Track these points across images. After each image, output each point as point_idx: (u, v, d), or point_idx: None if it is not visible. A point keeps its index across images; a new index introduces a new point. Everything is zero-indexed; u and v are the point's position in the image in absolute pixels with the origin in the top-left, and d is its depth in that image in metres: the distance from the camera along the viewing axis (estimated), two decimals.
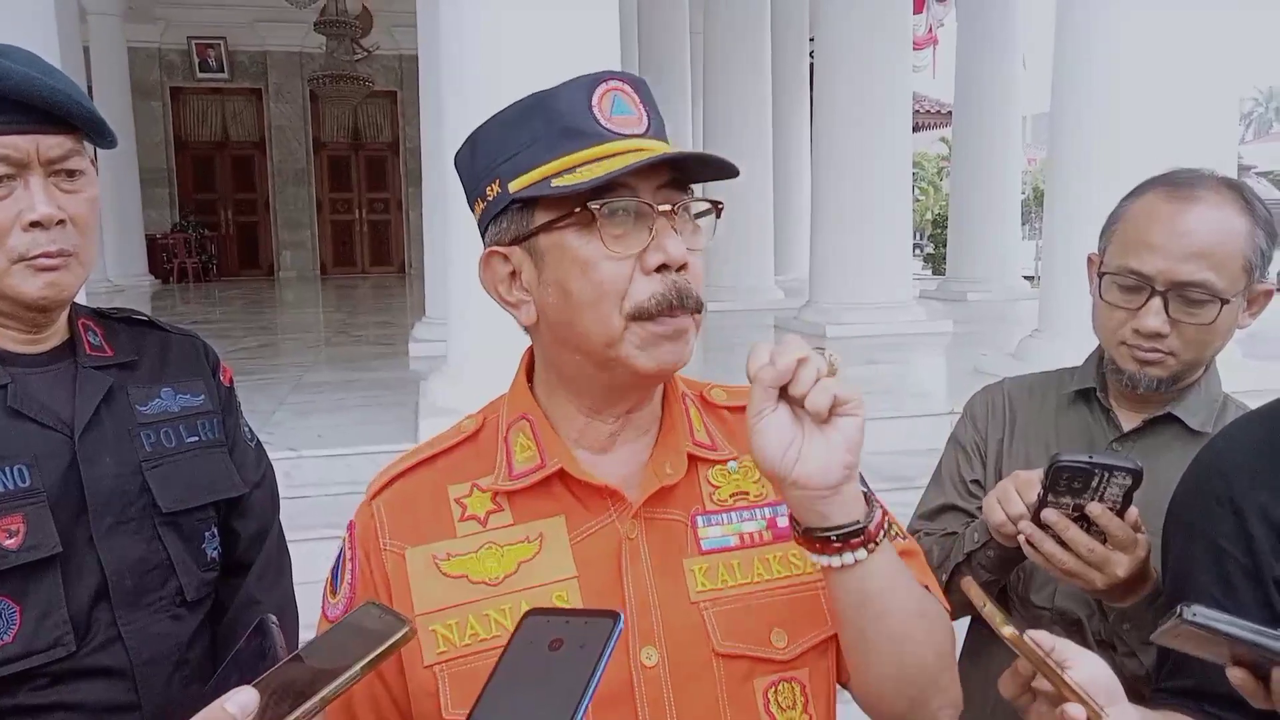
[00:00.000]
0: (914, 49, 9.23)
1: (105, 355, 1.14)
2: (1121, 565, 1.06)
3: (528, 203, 0.80)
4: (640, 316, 0.78)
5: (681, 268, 0.79)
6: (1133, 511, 1.06)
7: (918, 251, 17.86)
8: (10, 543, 0.98)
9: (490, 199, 0.83)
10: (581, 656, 0.64)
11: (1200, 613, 0.74)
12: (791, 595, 0.85)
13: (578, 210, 0.77)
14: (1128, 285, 1.18)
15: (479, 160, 0.84)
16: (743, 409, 0.91)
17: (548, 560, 0.82)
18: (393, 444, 3.86)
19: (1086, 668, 0.76)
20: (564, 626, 0.66)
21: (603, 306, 0.78)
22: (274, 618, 0.87)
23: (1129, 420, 1.27)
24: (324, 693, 0.67)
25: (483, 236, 0.86)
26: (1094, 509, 1.04)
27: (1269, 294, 1.22)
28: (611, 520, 0.84)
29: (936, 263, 16.23)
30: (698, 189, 0.85)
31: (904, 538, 0.94)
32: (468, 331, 3.92)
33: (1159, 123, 4.13)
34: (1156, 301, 1.16)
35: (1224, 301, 1.14)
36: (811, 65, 10.01)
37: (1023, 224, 11.49)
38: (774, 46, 10.36)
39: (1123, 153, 4.09)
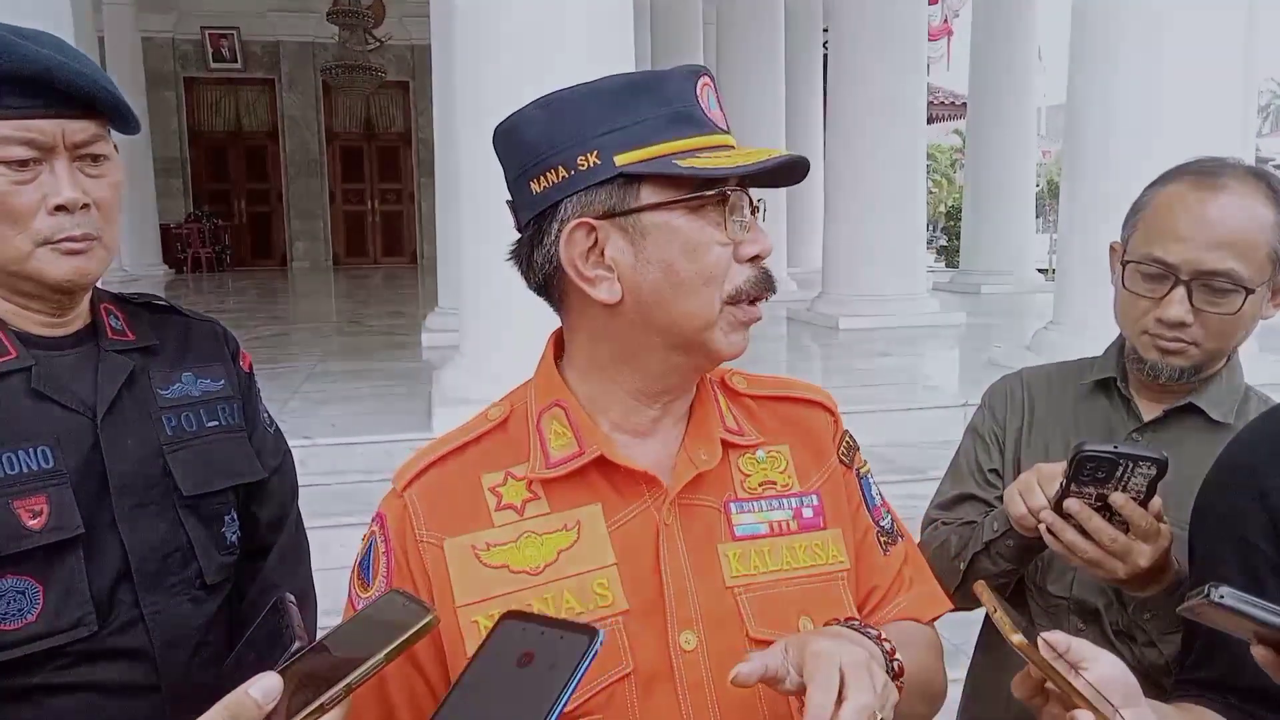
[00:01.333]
0: (929, 40, 9.17)
1: (127, 339, 1.15)
2: (1144, 555, 1.06)
3: (632, 179, 0.80)
4: (736, 300, 0.83)
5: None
6: (1156, 501, 1.06)
7: (931, 244, 17.78)
8: (34, 523, 0.99)
9: (583, 169, 0.80)
10: (549, 679, 0.60)
11: (1229, 594, 0.74)
12: (817, 584, 0.87)
13: (708, 194, 0.80)
14: (1151, 274, 1.17)
15: (564, 128, 0.81)
16: (765, 398, 0.95)
17: (587, 548, 0.83)
18: (406, 433, 3.88)
19: (1103, 668, 0.75)
20: (538, 638, 0.62)
21: (707, 289, 0.82)
22: (291, 596, 0.88)
23: (1149, 410, 1.26)
24: (348, 679, 0.67)
25: (546, 208, 0.82)
26: (1117, 499, 1.04)
27: None
28: (647, 507, 0.85)
29: (950, 255, 16.15)
30: None
31: (902, 537, 0.99)
32: (480, 322, 3.93)
33: (1176, 114, 4.10)
34: (1180, 290, 1.15)
35: (1249, 291, 1.13)
36: (825, 56, 9.96)
37: (1037, 217, 11.40)
38: (787, 37, 10.33)
39: (1139, 144, 4.06)
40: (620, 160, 0.79)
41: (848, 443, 0.97)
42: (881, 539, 0.96)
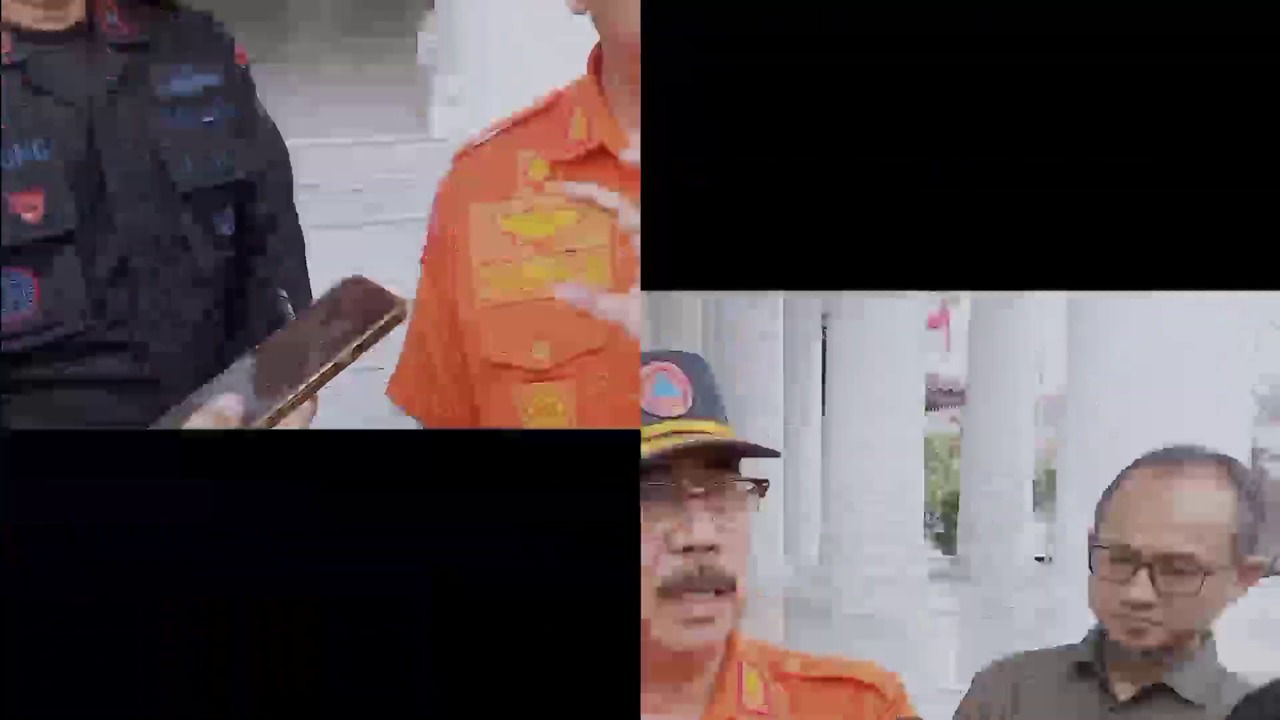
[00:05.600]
0: (927, 328, 9.57)
1: (123, 34, 1.13)
2: None
3: None
4: (667, 594, 0.78)
5: (710, 548, 0.78)
6: None
7: (928, 532, 17.64)
8: (29, 216, 0.99)
9: None
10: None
11: None
12: None
13: None
14: (1117, 558, 1.23)
15: None
16: (817, 680, 0.87)
17: (587, 228, 0.89)
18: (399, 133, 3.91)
19: None
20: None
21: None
22: (284, 293, 0.92)
23: (1124, 690, 1.28)
24: (309, 380, 0.67)
25: None
26: None
27: (1258, 568, 1.24)
28: None
29: (947, 543, 16.01)
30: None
31: None
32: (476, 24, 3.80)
33: (1170, 412, 4.16)
34: (1143, 574, 1.19)
35: (1207, 573, 1.18)
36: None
37: (1033, 506, 11.46)
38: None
39: (1133, 440, 4.02)
40: None
41: None
42: None
